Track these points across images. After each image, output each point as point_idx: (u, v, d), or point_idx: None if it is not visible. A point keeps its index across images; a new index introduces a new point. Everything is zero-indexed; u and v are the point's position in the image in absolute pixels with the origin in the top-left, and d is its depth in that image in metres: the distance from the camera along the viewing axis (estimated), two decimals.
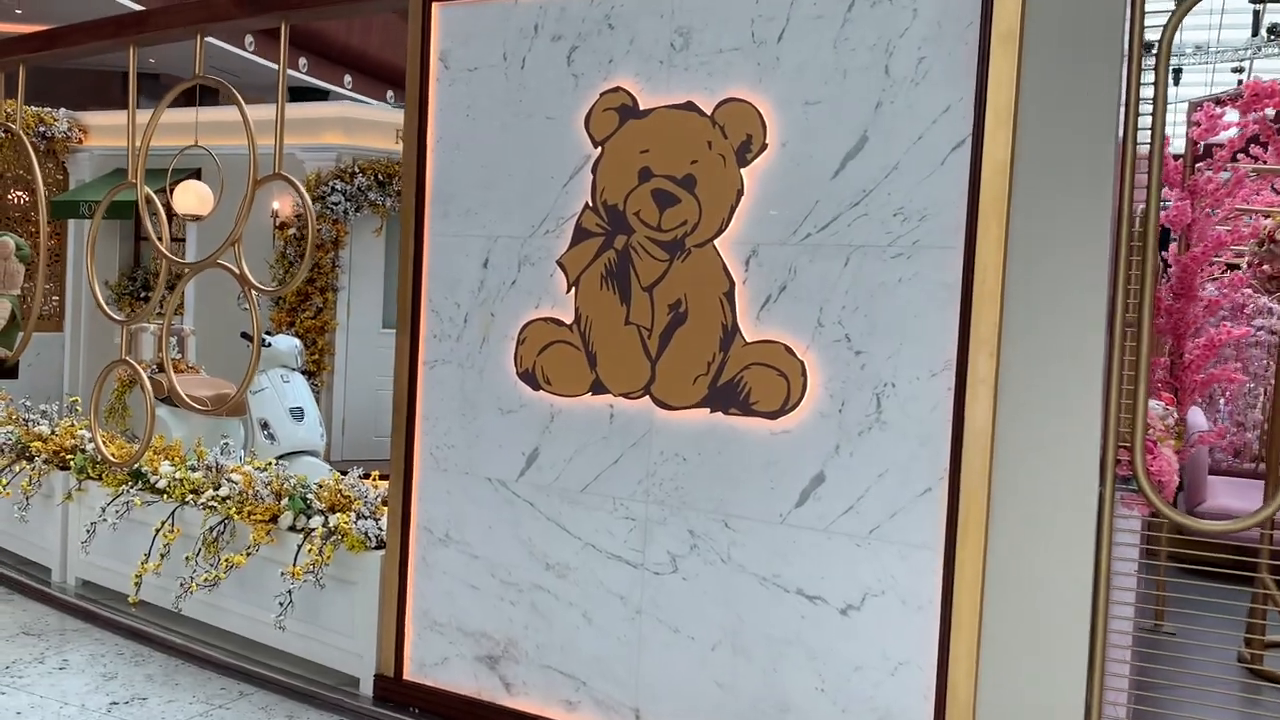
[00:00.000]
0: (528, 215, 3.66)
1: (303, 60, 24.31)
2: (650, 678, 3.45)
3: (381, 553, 4.01)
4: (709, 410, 3.32)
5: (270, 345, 6.40)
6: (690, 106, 3.34)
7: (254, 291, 4.42)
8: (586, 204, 3.53)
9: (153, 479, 4.81)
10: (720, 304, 3.29)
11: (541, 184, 3.63)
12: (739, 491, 3.29)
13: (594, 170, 3.51)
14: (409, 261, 3.90)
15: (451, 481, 3.84)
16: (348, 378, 8.27)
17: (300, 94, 21.64)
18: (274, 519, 4.25)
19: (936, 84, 2.99)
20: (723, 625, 3.33)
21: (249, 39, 22.55)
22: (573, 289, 3.56)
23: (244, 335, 6.57)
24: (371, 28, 26.28)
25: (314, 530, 4.13)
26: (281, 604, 4.06)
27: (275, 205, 8.38)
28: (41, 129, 9.14)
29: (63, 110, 9.46)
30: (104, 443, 4.90)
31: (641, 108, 3.43)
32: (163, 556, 4.53)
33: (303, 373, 6.82)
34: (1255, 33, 11.28)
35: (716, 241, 3.30)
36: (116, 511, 4.75)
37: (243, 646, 4.40)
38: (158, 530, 4.59)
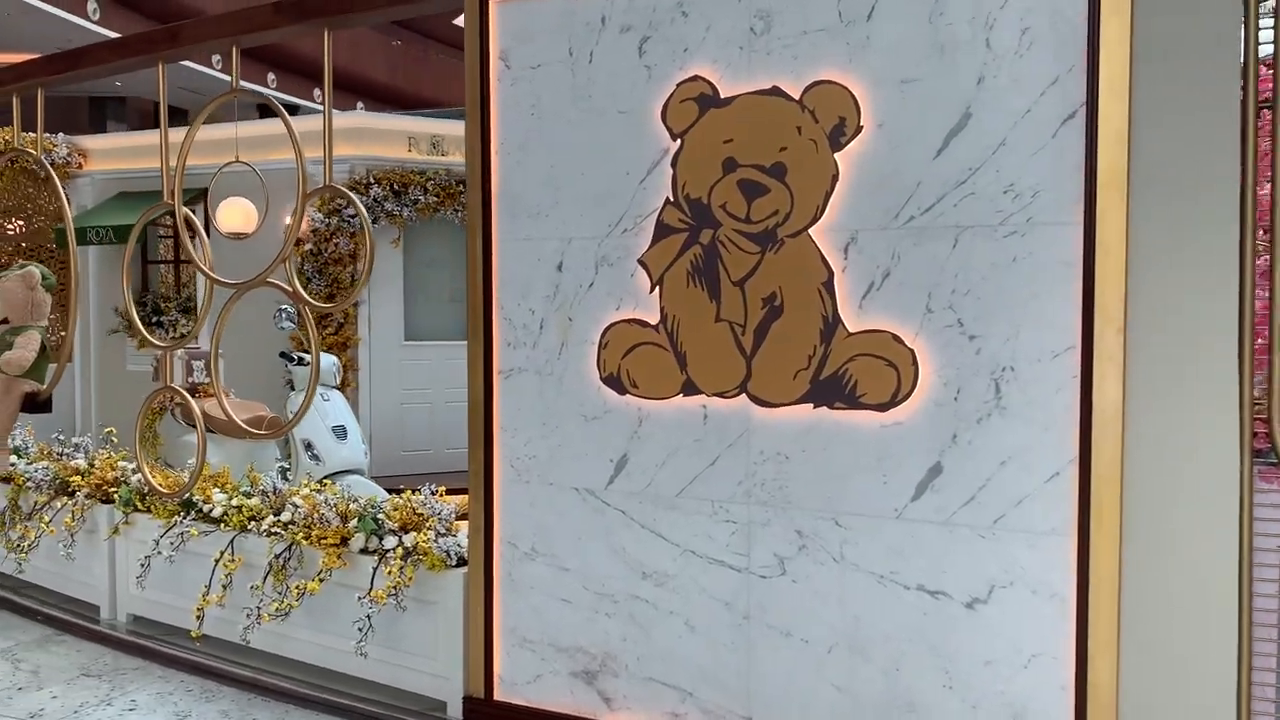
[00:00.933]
0: (603, 214, 3.53)
1: (271, 76, 24.13)
2: (762, 684, 3.34)
3: (462, 571, 3.89)
4: (812, 406, 3.21)
5: (308, 364, 6.25)
6: (776, 92, 3.22)
7: (307, 309, 4.26)
8: (667, 199, 3.41)
9: (205, 507, 4.65)
10: (819, 295, 3.18)
11: (617, 181, 3.50)
12: (848, 488, 3.18)
13: (674, 164, 3.39)
14: (477, 268, 3.77)
15: (535, 493, 3.71)
16: (372, 392, 8.12)
17: (269, 111, 21.40)
18: (344, 542, 4.11)
19: (1042, 55, 2.89)
20: (838, 626, 3.22)
21: (215, 58, 22.32)
22: (657, 288, 3.44)
23: (283, 355, 6.43)
24: (339, 41, 26.00)
25: (389, 551, 4.00)
26: (361, 629, 3.93)
27: (287, 221, 8.21)
28: (42, 155, 8.91)
29: (61, 135, 9.25)
30: (150, 473, 4.74)
31: (722, 96, 3.31)
32: (225, 587, 4.38)
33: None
34: None
35: (811, 230, 3.19)
36: (171, 543, 4.59)
37: (316, 676, 4.26)
38: (217, 560, 4.45)
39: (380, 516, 4.10)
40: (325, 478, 5.65)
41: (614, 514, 3.56)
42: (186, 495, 4.65)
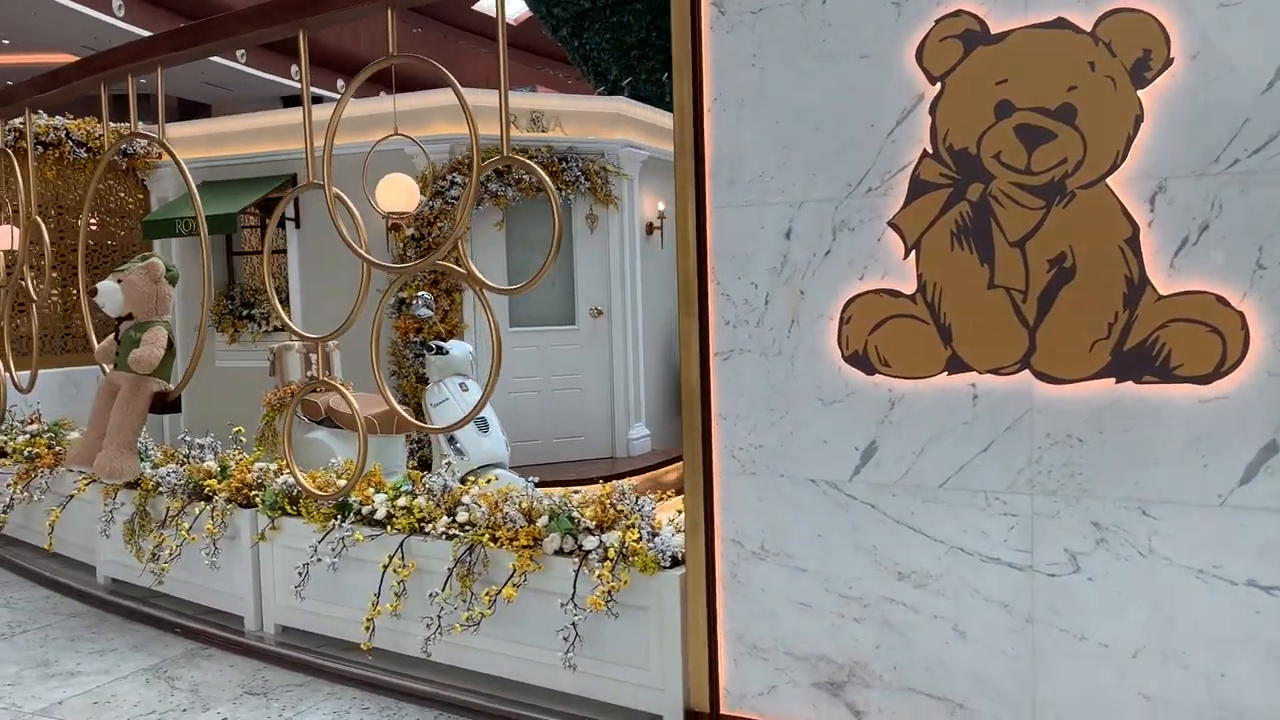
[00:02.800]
0: (842, 173, 3.15)
1: (294, 68, 23.85)
2: (1050, 694, 2.97)
3: (677, 572, 3.54)
4: (1114, 380, 2.82)
5: (448, 353, 5.93)
6: (1061, 24, 2.82)
7: (485, 293, 3.91)
8: (924, 151, 3.02)
9: (365, 510, 4.33)
10: (1120, 253, 2.78)
11: (859, 135, 3.12)
12: (1158, 473, 2.80)
13: (932, 111, 3.00)
14: (689, 240, 3.40)
15: (763, 487, 3.35)
16: (479, 380, 7.79)
17: (292, 102, 21.11)
18: (537, 543, 3.76)
19: None
20: (1146, 628, 2.84)
21: (241, 53, 22.12)
22: (912, 253, 3.06)
23: (424, 345, 6.10)
24: (360, 30, 25.78)
25: (590, 552, 3.65)
26: (566, 638, 3.59)
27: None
28: (122, 146, 8.62)
29: (140, 125, 8.92)
30: (302, 474, 4.42)
31: (993, 32, 2.91)
32: (398, 595, 4.05)
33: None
34: None
35: (1109, 180, 2.79)
36: (333, 549, 4.27)
37: (503, 689, 3.93)
38: (385, 566, 4.12)
39: (575, 515, 3.76)
40: (470, 473, 5.32)
41: (861, 508, 3.20)
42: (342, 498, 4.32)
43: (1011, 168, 2.89)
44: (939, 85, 2.99)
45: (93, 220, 9.25)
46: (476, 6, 28.58)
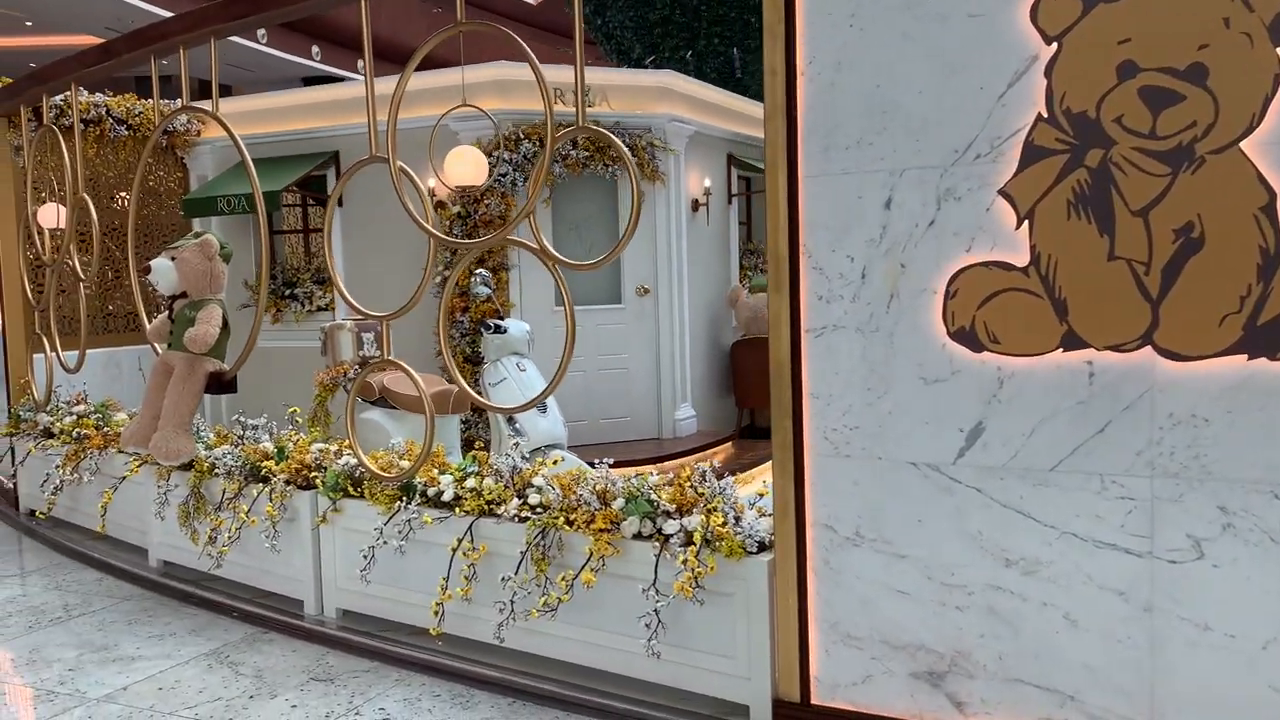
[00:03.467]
0: (947, 139, 2.99)
1: (315, 48, 23.77)
2: (1170, 686, 2.83)
3: (765, 558, 3.41)
4: (1245, 357, 2.67)
5: (506, 332, 5.80)
6: None
7: (558, 267, 3.78)
8: (1039, 116, 2.86)
9: (430, 491, 4.22)
10: (1255, 222, 2.62)
11: (966, 99, 2.96)
12: None
13: (1047, 73, 2.84)
14: (780, 211, 3.25)
15: (859, 470, 3.21)
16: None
17: (313, 82, 20.97)
18: (614, 526, 3.65)
19: None
20: (1278, 618, 2.69)
21: (261, 33, 22.05)
22: (1025, 223, 2.90)
23: (483, 324, 5.98)
24: (380, 10, 25.60)
25: (670, 536, 3.53)
26: (648, 625, 3.47)
27: (431, 184, 7.73)
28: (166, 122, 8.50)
29: (178, 101, 8.81)
30: (363, 455, 4.32)
31: None
32: (468, 579, 3.95)
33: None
34: None
35: (1243, 144, 2.63)
36: (399, 532, 4.16)
37: (580, 676, 3.82)
38: (454, 549, 4.01)
39: (654, 497, 3.63)
40: (532, 452, 5.20)
41: (966, 492, 3.05)
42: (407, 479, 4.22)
43: (1135, 132, 2.73)
44: (1055, 45, 2.82)
45: (126, 197, 9.16)
46: None
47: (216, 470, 4.95)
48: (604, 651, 3.73)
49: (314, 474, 4.66)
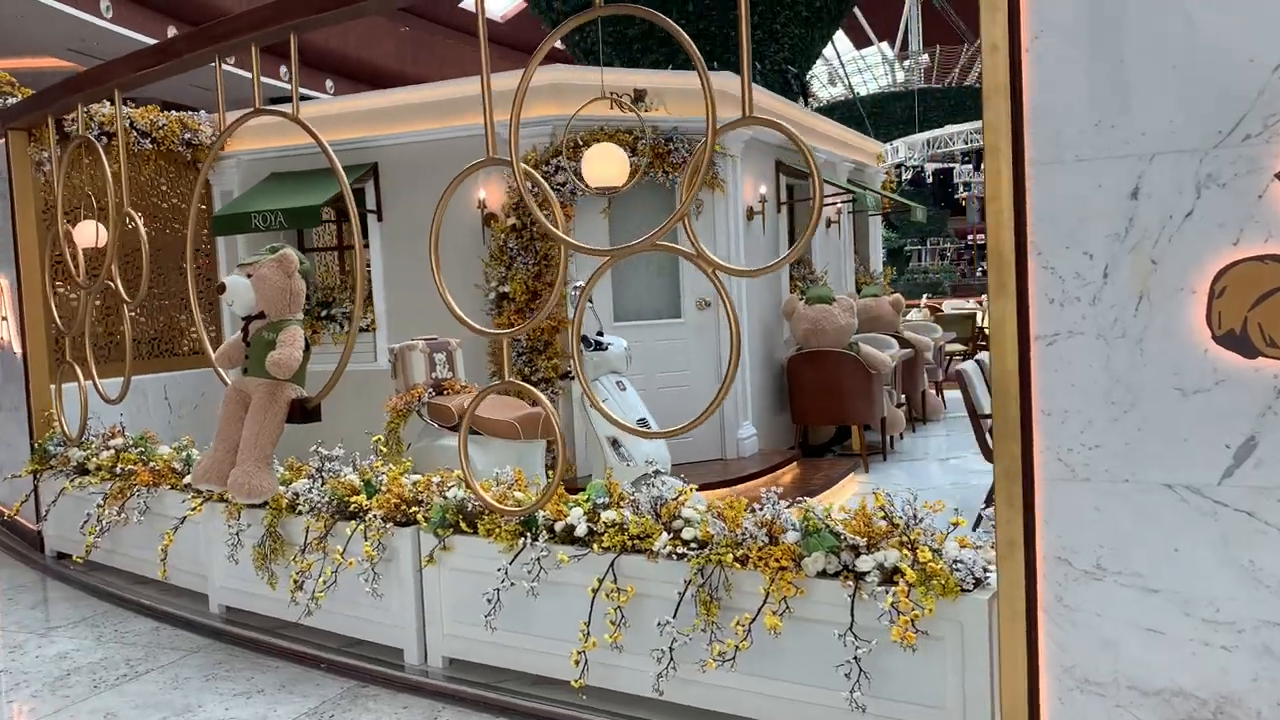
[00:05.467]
0: (1209, 118, 2.64)
1: (283, 68, 23.33)
2: None
3: (983, 596, 3.04)
4: None
5: (607, 349, 5.40)
6: None
7: (718, 274, 3.39)
8: None
9: (556, 525, 3.81)
10: None
11: (1232, 72, 2.61)
12: None
13: None
14: (1003, 203, 2.89)
15: (1099, 494, 2.84)
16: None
17: (280, 103, 20.48)
18: (795, 563, 3.25)
19: None
20: None
21: (283, 69, 21.67)
22: None
23: (586, 340, 5.57)
24: (349, 29, 25.22)
25: (865, 574, 3.14)
26: (848, 675, 3.08)
27: (482, 194, 7.33)
28: (186, 135, 8.03)
29: (203, 113, 8.38)
30: (479, 487, 3.90)
31: None
32: (615, 624, 3.54)
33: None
34: None
35: None
36: (529, 571, 3.74)
37: None
38: (595, 590, 3.60)
39: (838, 530, 3.24)
40: (639, 479, 4.80)
41: (1234, 517, 2.69)
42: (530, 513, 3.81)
43: None
44: None
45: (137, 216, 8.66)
46: (463, 4, 28.19)
47: (299, 508, 4.51)
48: (788, 705, 3.33)
49: (414, 509, 4.23)
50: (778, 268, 3.25)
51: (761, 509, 3.43)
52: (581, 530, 3.73)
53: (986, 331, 17.31)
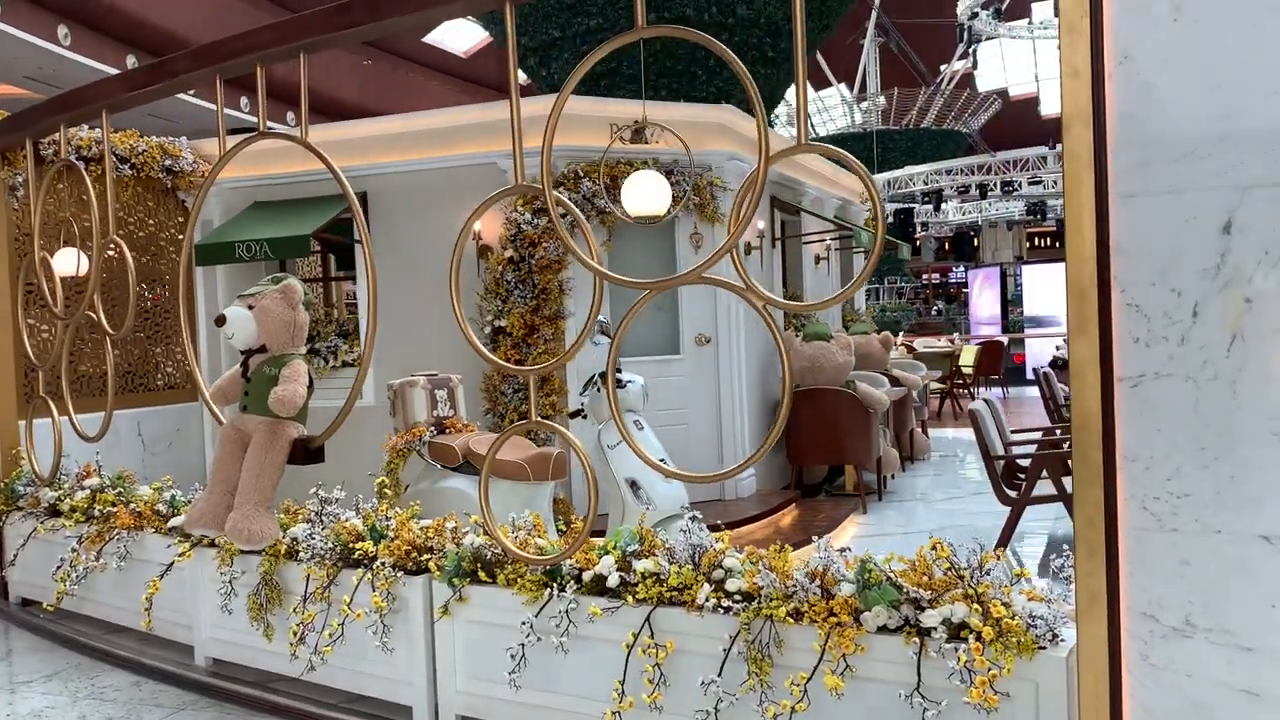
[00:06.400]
0: None
1: (244, 100, 23.10)
2: None
3: (1060, 653, 2.84)
4: None
5: (625, 386, 5.18)
6: None
7: (765, 306, 3.21)
8: None
9: (583, 575, 3.58)
10: None
11: None
12: None
13: None
14: (1083, 237, 2.74)
15: (1189, 546, 2.67)
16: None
17: (238, 133, 20.17)
18: (856, 619, 3.05)
19: None
20: None
21: (244, 100, 21.40)
22: None
23: (601, 376, 5.34)
24: (311, 61, 24.98)
25: (930, 630, 2.94)
26: None
27: (477, 225, 7.11)
28: (167, 162, 7.75)
29: (184, 139, 8.09)
30: (502, 534, 3.66)
31: None
32: (654, 682, 3.30)
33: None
34: None
35: None
36: (557, 625, 3.50)
37: None
38: (630, 645, 3.37)
39: (900, 582, 3.05)
40: (658, 523, 4.58)
41: None
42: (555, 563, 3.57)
43: None
44: None
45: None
46: (426, 39, 28.14)
47: (299, 554, 4.23)
48: None
49: (425, 556, 3.97)
50: (835, 303, 3.10)
51: (816, 559, 3.22)
52: (613, 581, 3.50)
53: (963, 370, 17.25)
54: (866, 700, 3.03)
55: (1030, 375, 19.40)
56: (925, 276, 33.32)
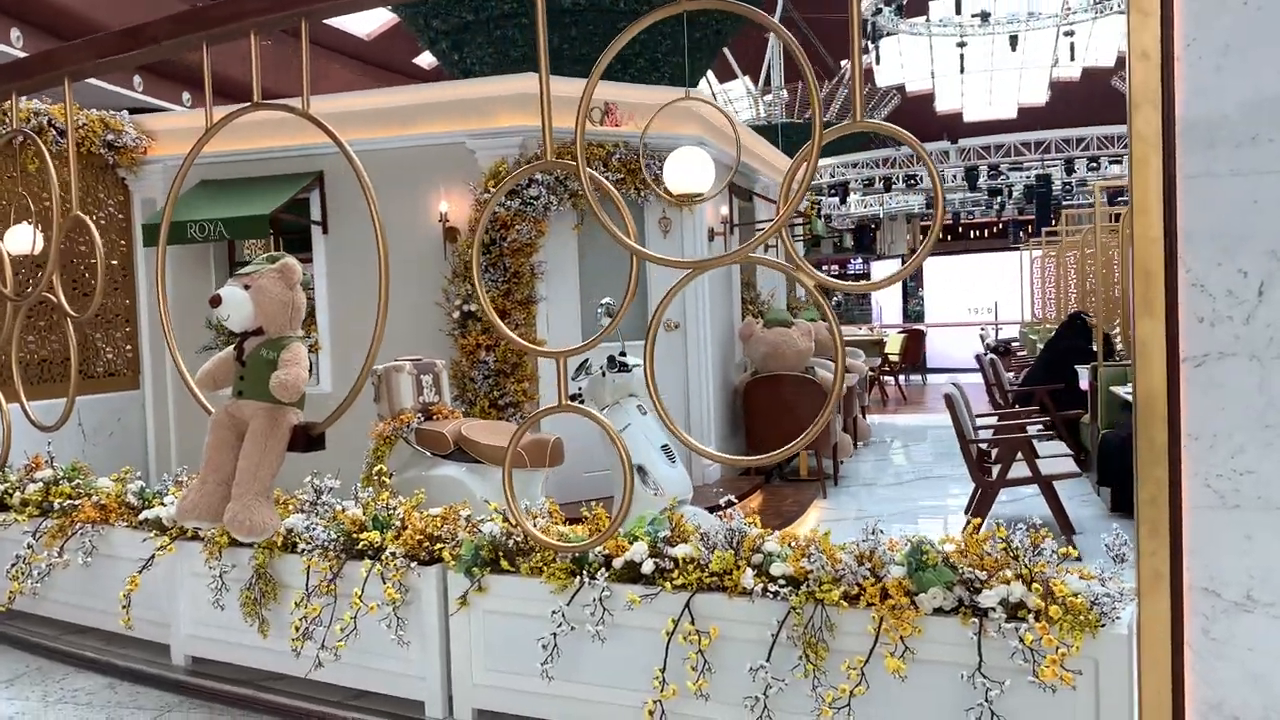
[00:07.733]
0: None
1: (138, 79, 22.28)
2: None
3: (1120, 631, 2.87)
4: None
5: (630, 370, 5.07)
6: None
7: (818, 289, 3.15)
8: None
9: (614, 562, 3.50)
10: None
11: None
12: None
13: None
14: (1151, 219, 2.76)
15: (1251, 523, 2.72)
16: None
17: (135, 113, 19.50)
18: (910, 598, 3.03)
19: None
20: None
21: (137, 79, 20.52)
22: None
23: (611, 360, 5.21)
24: (231, 50, 24.18)
25: (988, 610, 2.95)
26: (979, 719, 2.87)
27: (444, 207, 6.91)
28: (109, 138, 7.34)
29: (125, 113, 7.67)
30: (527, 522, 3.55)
31: None
32: (698, 670, 3.24)
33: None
34: None
35: None
36: (591, 613, 3.41)
37: None
38: (669, 633, 3.30)
39: (955, 563, 3.04)
40: (664, 510, 4.49)
41: None
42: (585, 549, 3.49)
43: None
44: None
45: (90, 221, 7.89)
46: (329, 21, 27.46)
47: (299, 546, 4.05)
48: None
49: (438, 546, 3.84)
50: (894, 281, 3.08)
51: (863, 542, 3.19)
52: (648, 567, 3.42)
53: (889, 357, 17.52)
54: (924, 681, 3.02)
55: (931, 365, 20.01)
56: (825, 268, 33.87)
